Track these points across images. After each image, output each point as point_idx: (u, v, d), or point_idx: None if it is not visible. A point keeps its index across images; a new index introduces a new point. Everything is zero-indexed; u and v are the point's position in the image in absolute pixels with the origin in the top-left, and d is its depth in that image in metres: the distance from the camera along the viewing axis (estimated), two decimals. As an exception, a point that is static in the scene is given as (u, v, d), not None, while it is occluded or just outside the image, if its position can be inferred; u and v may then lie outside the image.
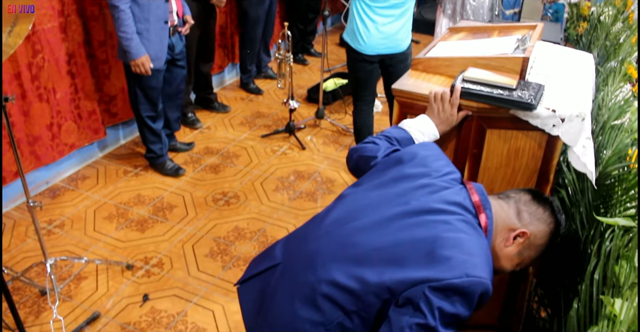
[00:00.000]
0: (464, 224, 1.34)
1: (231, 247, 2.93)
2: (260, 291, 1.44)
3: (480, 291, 1.22)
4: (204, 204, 3.28)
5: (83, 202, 3.26)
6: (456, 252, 1.25)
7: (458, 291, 1.20)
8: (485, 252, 1.31)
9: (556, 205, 1.47)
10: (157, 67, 3.12)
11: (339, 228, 1.40)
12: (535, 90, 1.69)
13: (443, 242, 1.27)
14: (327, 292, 1.30)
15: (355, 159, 1.65)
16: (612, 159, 1.93)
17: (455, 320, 1.23)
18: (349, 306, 1.29)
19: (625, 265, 1.55)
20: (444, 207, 1.36)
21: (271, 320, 1.37)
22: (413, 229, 1.32)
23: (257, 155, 3.84)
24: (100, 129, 3.65)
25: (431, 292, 1.20)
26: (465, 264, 1.23)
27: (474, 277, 1.21)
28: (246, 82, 4.85)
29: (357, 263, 1.31)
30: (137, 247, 2.90)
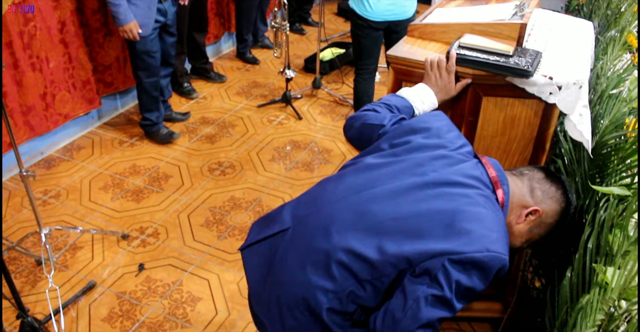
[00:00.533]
0: (483, 198, 1.33)
1: (227, 217, 2.93)
2: (267, 256, 1.42)
3: (499, 266, 1.22)
4: (199, 174, 3.27)
5: (78, 173, 3.25)
6: (477, 226, 1.24)
7: (477, 265, 1.20)
8: (503, 228, 1.31)
9: (568, 184, 1.48)
10: (144, 34, 3.07)
11: (353, 195, 1.38)
12: (532, 57, 1.66)
13: (463, 216, 1.26)
14: (342, 259, 1.29)
15: (358, 127, 1.61)
16: (609, 128, 1.91)
17: (470, 294, 1.24)
18: (364, 275, 1.28)
19: (619, 233, 1.55)
20: (463, 181, 1.35)
21: (280, 285, 1.36)
22: (432, 201, 1.31)
23: (253, 125, 3.82)
24: (95, 99, 3.61)
25: (450, 264, 1.20)
26: (485, 239, 1.23)
27: (494, 252, 1.21)
28: (242, 51, 4.79)
29: (375, 233, 1.30)
30: (132, 217, 2.90)
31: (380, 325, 1.27)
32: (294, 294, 1.33)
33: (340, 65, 4.57)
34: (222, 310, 2.38)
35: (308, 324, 1.34)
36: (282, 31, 3.76)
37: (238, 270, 2.58)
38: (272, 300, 1.37)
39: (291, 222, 1.43)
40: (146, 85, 3.32)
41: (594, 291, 1.38)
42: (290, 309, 1.34)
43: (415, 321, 1.23)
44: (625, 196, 1.67)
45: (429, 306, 1.22)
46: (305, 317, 1.33)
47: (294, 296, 1.33)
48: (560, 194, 1.45)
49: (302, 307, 1.32)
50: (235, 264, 2.62)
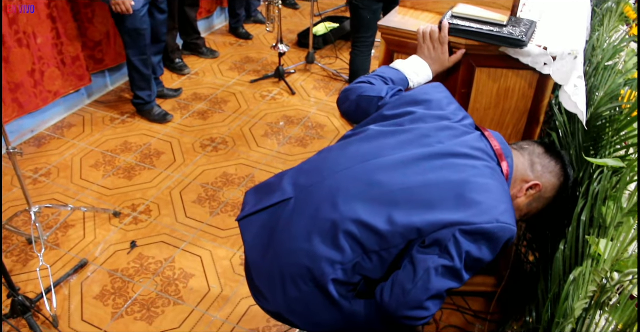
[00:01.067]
0: (490, 170, 1.33)
1: (219, 194, 2.90)
2: (268, 226, 1.40)
3: (508, 237, 1.23)
4: (192, 151, 3.23)
5: (69, 151, 3.21)
6: (486, 198, 1.25)
7: (488, 236, 1.21)
8: (510, 199, 1.31)
9: (567, 159, 1.49)
10: (136, 7, 2.99)
11: (359, 165, 1.36)
12: (526, 27, 1.62)
13: (473, 187, 1.26)
14: (351, 230, 1.27)
15: (355, 100, 1.57)
16: (604, 99, 1.88)
17: (478, 265, 1.24)
18: (372, 246, 1.27)
19: (613, 206, 1.53)
20: (469, 152, 1.34)
21: (283, 256, 1.34)
22: (441, 171, 1.30)
23: (246, 100, 3.77)
24: (85, 76, 3.56)
25: (462, 235, 1.20)
26: (495, 210, 1.23)
27: (504, 223, 1.22)
28: (235, 26, 4.71)
29: (383, 203, 1.28)
30: (124, 195, 2.87)
31: (388, 297, 1.25)
32: (299, 264, 1.31)
33: (334, 40, 4.51)
34: (214, 286, 2.37)
35: (312, 295, 1.32)
36: (274, 5, 3.69)
37: (231, 246, 2.57)
38: (274, 271, 1.35)
39: (293, 192, 1.40)
40: (136, 63, 3.26)
41: (587, 263, 1.36)
42: (294, 280, 1.32)
43: (425, 292, 1.23)
44: (619, 168, 1.65)
45: (439, 277, 1.22)
46: (309, 289, 1.31)
47: (299, 266, 1.31)
48: (559, 169, 1.47)
49: (307, 278, 1.31)
50: (228, 240, 2.60)
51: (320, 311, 1.34)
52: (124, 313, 2.24)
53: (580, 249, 1.60)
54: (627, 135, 1.74)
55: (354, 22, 3.24)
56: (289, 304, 1.34)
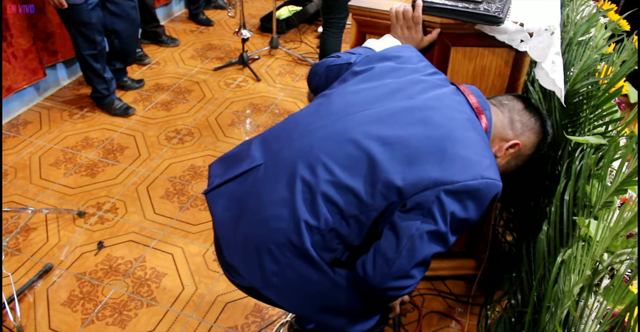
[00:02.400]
0: (470, 123, 1.26)
1: (187, 187, 2.80)
2: (238, 196, 1.30)
3: (494, 193, 1.18)
4: (156, 144, 3.11)
5: (26, 149, 3.05)
6: (469, 152, 1.18)
7: (473, 193, 1.15)
8: (491, 153, 1.25)
9: (546, 115, 1.44)
10: (78, 1, 2.82)
11: (332, 123, 1.27)
12: (502, 3, 1.56)
13: (454, 141, 1.19)
14: (328, 193, 1.19)
15: (324, 71, 1.49)
16: (579, 75, 1.84)
17: (464, 225, 1.19)
18: (350, 210, 1.20)
19: (597, 184, 1.49)
20: (446, 104, 1.27)
21: (257, 225, 1.25)
22: (419, 125, 1.22)
23: (210, 89, 3.65)
24: (38, 69, 3.38)
25: (446, 195, 1.14)
26: (479, 165, 1.17)
27: (489, 179, 1.16)
28: (195, 13, 4.56)
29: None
30: (88, 193, 2.74)
31: (371, 269, 1.20)
32: (274, 232, 1.23)
33: (298, 23, 4.40)
34: (188, 285, 2.28)
35: (291, 267, 1.24)
36: (234, -11, 3.56)
37: (203, 242, 2.48)
38: (248, 244, 1.26)
39: (263, 157, 1.31)
40: (87, 58, 3.09)
41: (577, 245, 1.32)
42: (271, 251, 1.24)
43: (410, 260, 1.17)
44: (600, 145, 1.62)
45: (424, 243, 1.17)
46: (287, 259, 1.24)
47: (274, 234, 1.23)
48: (539, 126, 1.42)
49: (285, 247, 1.23)
50: (200, 235, 2.51)
51: (300, 283, 1.27)
52: (94, 318, 2.13)
53: (565, 229, 1.57)
54: (606, 111, 1.70)
55: (328, 2, 3.14)
56: (267, 278, 1.26)
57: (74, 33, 2.99)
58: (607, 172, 1.46)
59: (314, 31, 4.46)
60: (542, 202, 1.99)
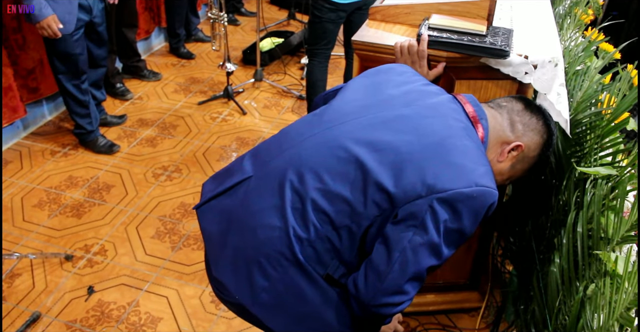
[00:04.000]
0: (465, 131, 1.22)
1: (179, 226, 2.71)
2: (228, 210, 1.28)
3: (489, 202, 1.14)
4: (144, 181, 3.03)
5: (8, 190, 2.94)
6: (463, 160, 1.15)
7: (467, 201, 1.11)
8: (487, 162, 1.21)
9: (548, 113, 1.38)
10: (65, 31, 2.77)
11: (322, 131, 1.25)
12: (505, 36, 1.55)
13: (448, 149, 1.16)
14: (318, 202, 1.16)
15: (323, 97, 1.51)
16: (581, 105, 1.84)
17: (459, 237, 1.15)
18: (341, 219, 1.16)
19: (613, 217, 1.47)
20: (442, 113, 1.24)
21: (245, 238, 1.22)
22: (413, 133, 1.19)
23: (195, 124, 3.59)
24: (19, 107, 3.28)
25: (439, 204, 1.10)
26: (473, 173, 1.13)
27: (484, 186, 1.12)
28: (176, 46, 4.52)
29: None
30: (75, 235, 2.64)
31: (363, 284, 1.16)
32: (264, 242, 1.19)
33: (281, 55, 4.39)
34: (185, 329, 2.18)
35: (282, 281, 1.20)
36: (219, 22, 3.54)
37: (198, 283, 2.39)
38: (238, 258, 1.23)
39: (253, 170, 1.29)
40: (70, 89, 3.02)
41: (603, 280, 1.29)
42: (260, 265, 1.20)
43: (403, 274, 1.13)
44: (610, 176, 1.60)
45: (417, 256, 1.12)
46: (278, 273, 1.20)
47: (264, 245, 1.19)
48: (541, 125, 1.35)
49: (275, 259, 1.19)
50: (195, 276, 2.42)
51: (290, 300, 1.22)
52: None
53: (580, 262, 1.54)
54: (611, 141, 1.70)
55: (314, 33, 3.13)
56: (256, 295, 1.22)
57: (56, 64, 2.93)
58: (623, 204, 1.44)
59: (297, 62, 4.45)
60: (547, 233, 1.97)
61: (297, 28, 5.00)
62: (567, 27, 2.36)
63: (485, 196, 1.13)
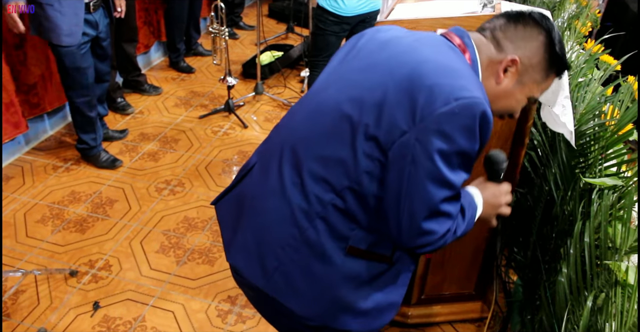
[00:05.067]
0: (448, 48, 1.19)
1: (183, 240, 2.72)
2: (238, 198, 1.35)
3: (478, 112, 1.07)
4: (147, 196, 3.03)
5: (10, 206, 2.94)
6: (437, 79, 1.09)
7: (451, 120, 1.06)
8: (470, 73, 1.15)
9: (536, 14, 1.26)
10: (70, 42, 2.79)
11: (311, 102, 1.30)
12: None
13: (422, 73, 1.11)
14: (314, 169, 1.19)
15: None
16: (585, 116, 1.86)
17: (463, 159, 1.10)
18: (340, 181, 1.16)
19: (621, 227, 1.48)
20: (420, 44, 1.21)
21: (253, 222, 1.27)
22: (387, 72, 1.16)
23: (197, 138, 3.60)
24: (21, 123, 3.29)
25: (423, 133, 1.06)
26: (450, 88, 1.08)
27: (464, 98, 1.06)
28: (176, 60, 4.55)
29: (336, 124, 1.20)
30: (79, 251, 2.64)
31: (395, 234, 1.15)
32: (271, 226, 1.24)
33: (281, 68, 4.42)
34: (192, 344, 2.18)
35: (294, 261, 1.22)
36: (220, 37, 3.57)
37: (204, 297, 2.39)
38: (248, 241, 1.27)
39: (256, 158, 1.37)
40: (79, 105, 3.04)
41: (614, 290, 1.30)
42: (271, 247, 1.23)
43: (415, 217, 1.11)
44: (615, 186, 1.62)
45: (422, 192, 1.09)
46: (288, 254, 1.22)
47: (272, 228, 1.24)
48: (531, 29, 1.23)
49: (284, 241, 1.22)
50: (200, 290, 2.42)
51: (303, 279, 1.23)
52: (95, 386, 2.02)
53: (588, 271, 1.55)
54: (615, 152, 1.72)
55: (316, 45, 3.18)
56: (269, 277, 1.24)
57: (67, 80, 2.96)
58: (630, 215, 1.46)
59: (297, 75, 4.47)
60: (553, 243, 1.98)
61: (296, 41, 5.04)
62: (567, 39, 2.39)
63: (469, 108, 1.06)
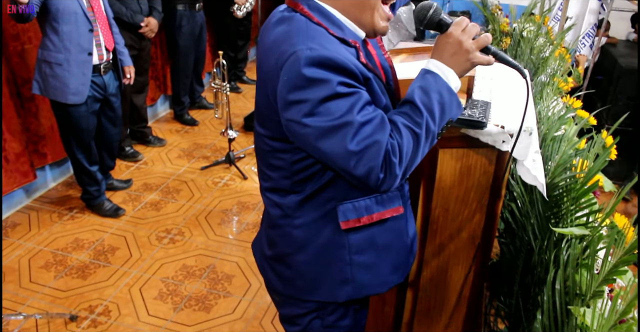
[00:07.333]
0: (277, 27, 1.26)
1: (181, 287, 2.80)
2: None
3: (301, 63, 1.11)
4: (147, 244, 3.14)
5: (15, 252, 3.05)
6: (274, 57, 1.18)
7: (287, 87, 1.13)
8: (294, 29, 1.19)
9: None
10: (76, 101, 2.94)
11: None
12: (483, 108, 1.71)
13: (264, 61, 1.24)
14: (262, 145, 1.34)
15: None
16: (557, 170, 1.97)
17: (332, 99, 1.12)
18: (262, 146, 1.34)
19: (586, 274, 1.58)
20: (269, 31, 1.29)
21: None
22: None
23: (198, 188, 3.73)
24: (29, 172, 3.44)
25: (284, 112, 1.17)
26: (276, 60, 1.16)
27: (286, 59, 1.13)
28: (180, 113, 4.74)
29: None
30: (80, 296, 2.72)
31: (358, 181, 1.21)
32: (267, 212, 1.46)
33: (281, 122, 4.59)
34: (186, 388, 2.24)
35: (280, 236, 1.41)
36: (222, 92, 3.75)
37: (199, 343, 2.46)
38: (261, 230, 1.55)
39: None
40: (81, 161, 3.18)
41: (575, 335, 1.38)
42: (267, 232, 1.47)
43: (347, 173, 1.18)
44: (584, 235, 1.72)
45: (328, 155, 1.16)
46: (277, 232, 1.42)
47: (267, 213, 1.46)
48: None
49: (272, 223, 1.42)
50: (195, 336, 2.49)
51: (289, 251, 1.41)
52: None
53: (559, 317, 1.63)
54: (585, 203, 1.83)
55: None
56: (266, 256, 1.48)
57: (69, 138, 3.09)
58: (594, 262, 1.56)
59: (296, 129, 4.64)
60: (532, 291, 2.06)
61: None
62: (547, 95, 2.54)
63: (291, 65, 1.12)
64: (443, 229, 1.95)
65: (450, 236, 1.97)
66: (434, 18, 1.28)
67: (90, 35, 2.91)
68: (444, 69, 1.24)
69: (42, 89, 2.93)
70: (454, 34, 1.25)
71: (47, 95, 2.94)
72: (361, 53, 1.22)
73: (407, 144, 1.17)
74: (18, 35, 3.20)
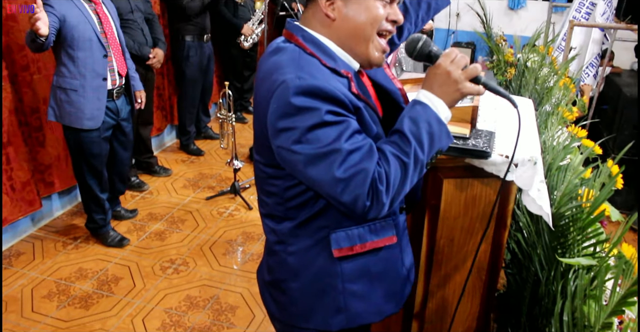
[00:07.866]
0: (273, 57, 1.28)
1: (184, 318, 2.77)
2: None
3: (290, 92, 1.14)
4: (151, 274, 3.12)
5: (18, 281, 3.03)
6: (266, 85, 1.21)
7: (276, 115, 1.17)
8: (290, 56, 1.23)
9: None
10: (91, 126, 2.98)
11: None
12: (487, 138, 1.72)
13: (259, 90, 1.27)
14: (259, 173, 1.37)
15: None
16: (563, 199, 1.96)
17: (320, 127, 1.14)
18: (260, 173, 1.36)
19: (594, 305, 1.55)
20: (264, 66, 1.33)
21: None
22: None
23: (203, 218, 3.73)
24: (35, 201, 3.45)
25: (274, 139, 1.20)
26: (266, 92, 1.20)
27: (276, 89, 1.16)
28: (186, 143, 4.77)
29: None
30: (81, 327, 2.70)
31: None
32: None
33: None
34: None
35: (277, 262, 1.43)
36: (228, 122, 3.78)
37: (201, 375, 2.42)
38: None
39: None
40: (92, 187, 3.20)
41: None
42: (266, 258, 1.52)
43: (335, 200, 1.19)
44: (592, 266, 1.70)
45: (316, 182, 1.18)
46: (273, 259, 1.45)
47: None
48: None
49: (270, 250, 1.46)
50: (198, 368, 2.45)
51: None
52: None
53: (568, 351, 1.60)
54: (592, 233, 1.81)
55: None
56: (265, 279, 1.52)
57: (81, 164, 3.11)
58: (602, 293, 1.54)
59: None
60: (540, 322, 2.03)
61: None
62: (552, 125, 2.55)
63: (280, 95, 1.16)
64: (448, 260, 1.94)
65: (456, 266, 1.95)
66: (423, 50, 1.31)
67: (105, 60, 2.96)
68: (434, 100, 1.26)
69: (58, 115, 2.97)
70: (442, 65, 1.27)
71: (63, 122, 2.98)
72: (353, 83, 1.25)
73: (395, 172, 1.19)
74: (28, 65, 3.25)
